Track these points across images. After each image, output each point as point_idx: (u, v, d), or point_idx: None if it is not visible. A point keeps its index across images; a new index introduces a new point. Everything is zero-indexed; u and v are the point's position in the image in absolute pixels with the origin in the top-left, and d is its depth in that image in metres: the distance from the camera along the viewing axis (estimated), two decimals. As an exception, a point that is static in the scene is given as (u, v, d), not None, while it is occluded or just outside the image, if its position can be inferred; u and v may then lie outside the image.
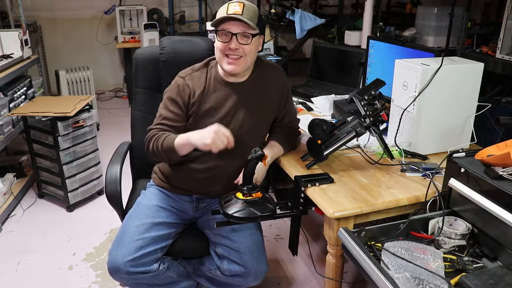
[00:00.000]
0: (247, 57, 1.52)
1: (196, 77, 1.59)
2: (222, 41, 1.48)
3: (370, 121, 1.55)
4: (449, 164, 1.26)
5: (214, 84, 1.59)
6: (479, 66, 1.63)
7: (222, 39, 1.48)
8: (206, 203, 1.69)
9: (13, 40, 3.17)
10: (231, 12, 1.45)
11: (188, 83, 1.57)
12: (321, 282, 2.10)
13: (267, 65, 1.67)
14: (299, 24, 2.49)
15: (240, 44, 1.48)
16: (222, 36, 1.48)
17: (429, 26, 3.48)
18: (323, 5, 5.37)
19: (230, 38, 1.47)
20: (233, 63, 1.50)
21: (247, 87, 1.60)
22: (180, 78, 1.59)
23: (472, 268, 1.13)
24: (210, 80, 1.59)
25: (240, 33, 1.47)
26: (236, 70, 1.52)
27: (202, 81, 1.58)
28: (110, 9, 4.90)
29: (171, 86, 1.60)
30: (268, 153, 1.57)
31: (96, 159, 2.90)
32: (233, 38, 1.47)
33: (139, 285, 1.54)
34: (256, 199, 1.40)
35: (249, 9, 1.47)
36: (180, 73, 1.62)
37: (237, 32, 1.47)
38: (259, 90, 1.62)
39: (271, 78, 1.65)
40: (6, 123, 2.81)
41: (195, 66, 1.63)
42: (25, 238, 2.52)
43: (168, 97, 1.59)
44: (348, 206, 1.32)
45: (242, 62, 1.51)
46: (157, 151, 1.52)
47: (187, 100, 1.57)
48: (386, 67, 2.10)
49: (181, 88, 1.57)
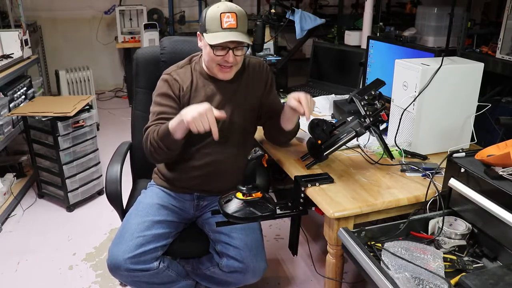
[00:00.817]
0: (239, 64, 1.57)
1: (182, 73, 1.61)
2: (217, 54, 1.50)
3: (370, 121, 1.55)
4: (449, 164, 1.26)
5: (201, 80, 1.61)
6: (479, 66, 1.63)
7: (219, 53, 1.49)
8: (207, 201, 1.70)
9: (13, 40, 3.17)
10: (226, 26, 1.46)
11: (176, 78, 1.59)
12: (321, 282, 2.10)
13: (250, 61, 1.69)
14: (299, 24, 2.49)
15: (235, 56, 1.50)
16: (218, 51, 1.49)
17: (429, 26, 3.48)
18: (323, 5, 5.37)
19: (226, 52, 1.49)
20: (228, 71, 1.54)
21: (233, 82, 1.62)
22: (167, 75, 1.61)
23: (472, 268, 1.13)
24: (197, 76, 1.61)
25: (237, 46, 1.49)
26: (229, 77, 1.57)
27: (188, 77, 1.60)
28: (110, 9, 4.90)
29: (159, 84, 1.61)
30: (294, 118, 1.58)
31: (96, 159, 2.90)
32: (230, 52, 1.49)
33: (139, 283, 1.54)
34: (256, 199, 1.39)
35: (241, 18, 1.48)
36: (165, 71, 1.63)
37: (234, 47, 1.49)
38: (243, 84, 1.64)
39: (255, 72, 1.67)
40: (6, 123, 2.81)
41: (179, 64, 1.65)
42: (25, 238, 2.52)
43: (159, 94, 1.59)
44: (348, 206, 1.32)
45: (234, 69, 1.57)
46: (155, 143, 1.49)
47: (178, 93, 1.58)
48: (386, 67, 2.10)
49: (170, 83, 1.58)
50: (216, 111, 1.37)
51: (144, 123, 1.61)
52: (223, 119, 1.44)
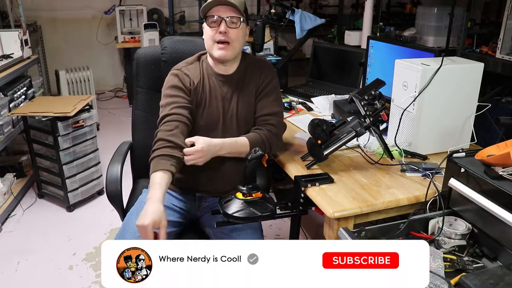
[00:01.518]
0: (235, 43, 1.57)
1: (192, 68, 1.64)
2: (211, 27, 1.54)
3: (370, 121, 1.55)
4: (449, 164, 1.26)
5: (207, 76, 1.64)
6: (479, 66, 1.63)
7: (212, 25, 1.54)
8: (208, 202, 1.70)
9: (13, 40, 3.17)
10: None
11: (186, 73, 1.62)
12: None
13: (253, 59, 1.71)
14: (299, 24, 2.49)
15: (229, 28, 1.53)
16: (211, 23, 1.54)
17: (429, 26, 3.49)
18: (323, 5, 5.37)
19: (219, 23, 1.53)
20: (223, 48, 1.55)
21: (236, 79, 1.64)
22: (177, 70, 1.64)
23: (472, 268, 1.13)
24: (204, 73, 1.64)
25: (229, 17, 1.52)
26: (226, 55, 1.56)
27: (197, 72, 1.63)
28: (110, 9, 4.90)
29: (168, 78, 1.63)
30: (222, 141, 1.54)
31: (96, 159, 2.90)
32: (222, 22, 1.52)
33: None
34: (256, 199, 1.40)
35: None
36: (174, 67, 1.65)
37: (226, 16, 1.52)
38: (246, 81, 1.65)
39: (257, 70, 1.67)
40: (6, 123, 2.81)
41: (188, 60, 1.68)
42: (25, 238, 2.52)
43: (169, 87, 1.60)
44: (348, 206, 1.32)
45: (231, 48, 1.56)
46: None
47: (188, 86, 1.60)
48: (386, 67, 2.10)
49: (180, 77, 1.61)
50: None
51: (145, 122, 1.62)
52: None
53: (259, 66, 1.68)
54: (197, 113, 1.61)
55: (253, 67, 1.67)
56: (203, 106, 1.61)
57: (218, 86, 1.62)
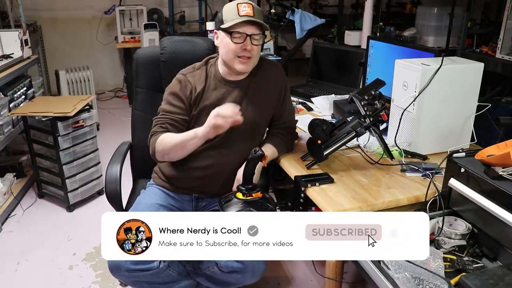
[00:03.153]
0: (255, 57, 1.59)
1: (197, 74, 1.65)
2: (236, 43, 1.54)
3: (370, 121, 1.55)
4: (449, 164, 1.26)
5: (214, 82, 1.64)
6: (479, 66, 1.63)
7: (237, 41, 1.53)
8: (205, 202, 1.71)
9: (13, 40, 3.17)
10: (243, 14, 1.51)
11: (190, 80, 1.63)
12: (321, 282, 2.10)
13: (265, 62, 1.71)
14: (299, 24, 2.49)
15: (253, 46, 1.54)
16: (236, 38, 1.53)
17: (429, 26, 3.48)
18: (323, 5, 5.37)
19: (244, 39, 1.53)
20: (245, 62, 1.57)
21: (246, 85, 1.65)
22: (182, 75, 1.65)
23: (472, 268, 1.13)
24: (210, 78, 1.65)
25: (254, 34, 1.53)
26: (247, 69, 1.60)
27: (202, 79, 1.64)
28: (110, 9, 4.90)
29: (173, 83, 1.65)
30: None
31: (96, 159, 2.90)
32: (247, 40, 1.53)
33: (140, 283, 1.54)
34: (256, 199, 1.40)
35: (257, 9, 1.55)
36: (181, 71, 1.67)
37: (251, 34, 1.53)
38: (257, 87, 1.66)
39: (269, 75, 1.69)
40: (6, 123, 2.81)
41: (196, 65, 1.69)
42: (25, 238, 2.52)
43: (170, 93, 1.64)
44: (348, 206, 1.32)
45: (252, 62, 1.59)
46: (162, 149, 1.55)
47: (189, 95, 1.62)
48: (386, 67, 2.10)
49: (183, 84, 1.62)
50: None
51: (145, 122, 1.62)
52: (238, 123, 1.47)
53: (273, 70, 1.71)
54: (199, 118, 1.60)
55: (266, 72, 1.68)
56: (207, 112, 1.57)
57: (227, 91, 1.62)
